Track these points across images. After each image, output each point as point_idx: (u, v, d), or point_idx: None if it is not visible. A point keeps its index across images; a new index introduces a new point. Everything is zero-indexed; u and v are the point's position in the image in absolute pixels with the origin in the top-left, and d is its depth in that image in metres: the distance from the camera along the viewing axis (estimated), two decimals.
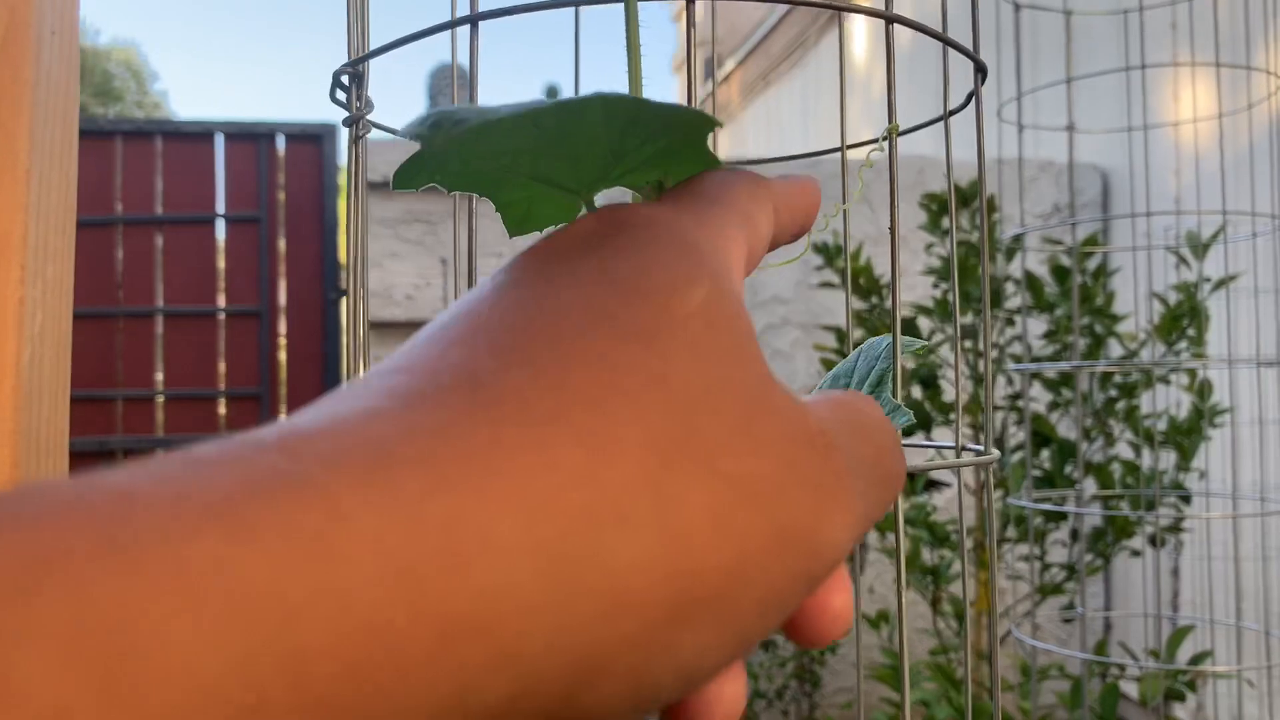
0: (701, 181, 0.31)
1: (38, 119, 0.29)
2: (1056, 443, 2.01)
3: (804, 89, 5.99)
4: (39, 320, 0.30)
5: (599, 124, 0.31)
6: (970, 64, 0.52)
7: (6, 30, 0.29)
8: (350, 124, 0.47)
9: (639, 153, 0.33)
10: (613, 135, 0.32)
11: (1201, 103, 1.92)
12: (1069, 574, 2.07)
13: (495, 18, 0.40)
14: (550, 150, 0.33)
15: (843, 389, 0.44)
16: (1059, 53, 1.58)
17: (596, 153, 0.33)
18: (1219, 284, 1.95)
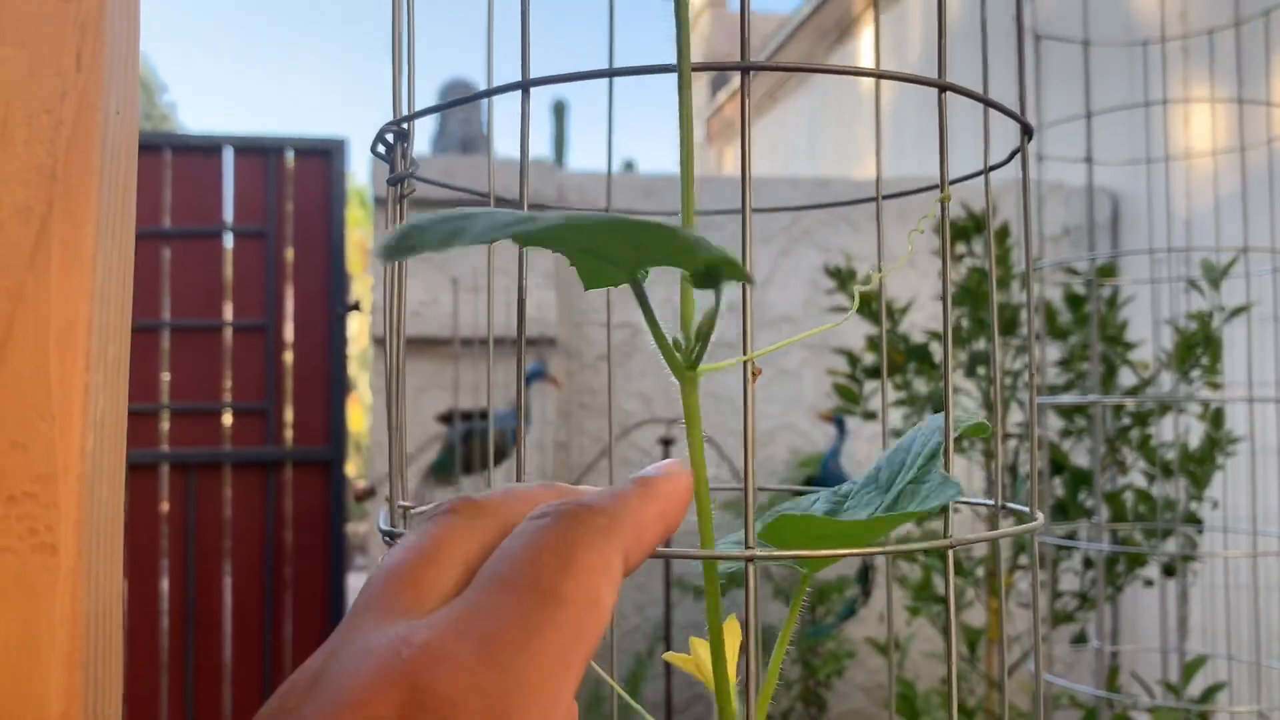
0: (532, 573, 0.29)
1: (104, 203, 0.29)
2: (1069, 471, 2.01)
3: (811, 107, 5.99)
4: (101, 404, 0.30)
5: (600, 234, 0.31)
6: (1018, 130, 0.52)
7: (77, 114, 0.28)
8: (395, 182, 0.47)
9: (658, 248, 0.33)
10: (624, 238, 0.32)
11: (1218, 135, 1.92)
12: (1081, 602, 2.06)
13: (545, 84, 0.40)
14: (588, 241, 0.33)
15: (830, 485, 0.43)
16: (1068, 81, 1.58)
17: (617, 247, 0.33)
18: (1235, 312, 1.95)
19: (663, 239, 0.32)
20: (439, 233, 0.29)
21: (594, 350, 3.56)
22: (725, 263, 0.33)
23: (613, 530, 0.31)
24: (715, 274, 0.35)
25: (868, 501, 0.42)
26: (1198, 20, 1.95)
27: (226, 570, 3.56)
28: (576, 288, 3.56)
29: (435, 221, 0.29)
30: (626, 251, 0.34)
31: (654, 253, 0.34)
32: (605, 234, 0.32)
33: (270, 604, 3.52)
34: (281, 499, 3.55)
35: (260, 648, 3.51)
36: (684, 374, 0.38)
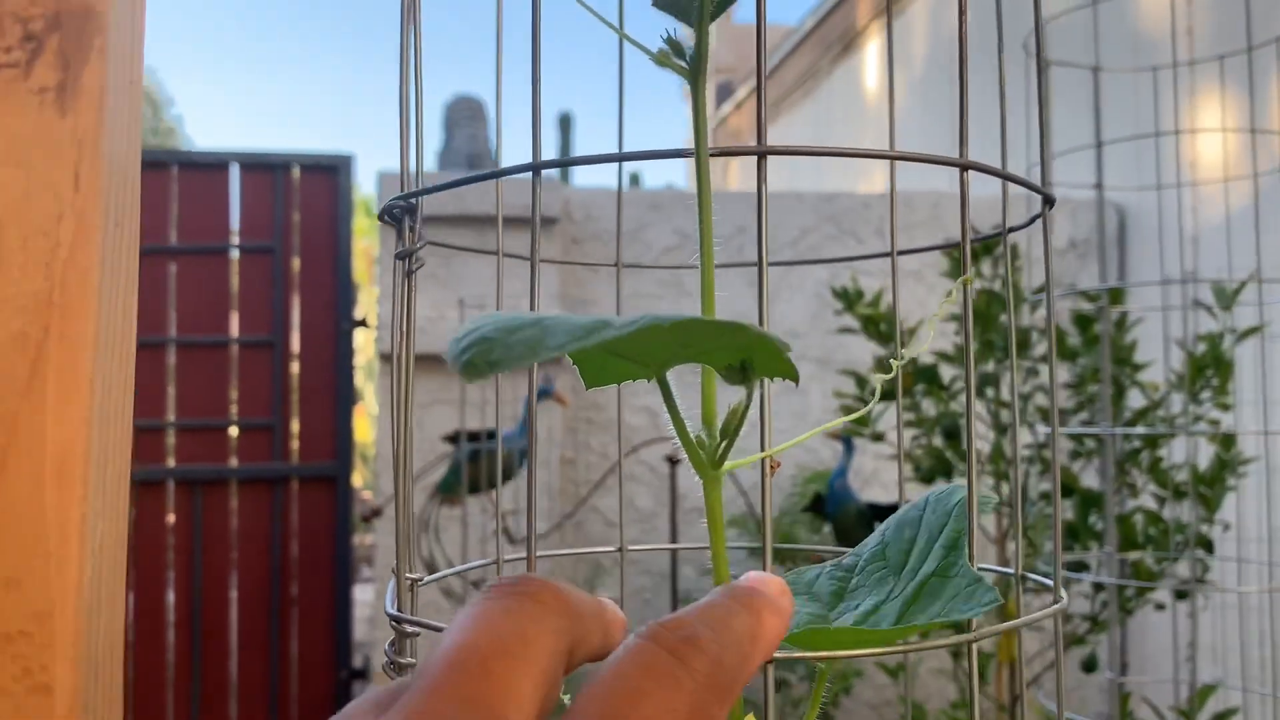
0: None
1: (103, 322, 0.28)
2: (1079, 494, 1.99)
3: (815, 118, 5.98)
4: (100, 531, 0.29)
5: (665, 335, 0.30)
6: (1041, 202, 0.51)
7: (75, 236, 0.27)
8: (403, 257, 0.46)
9: (705, 345, 0.32)
10: (679, 337, 0.31)
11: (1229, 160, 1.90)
12: (1091, 625, 2.04)
13: (557, 166, 0.39)
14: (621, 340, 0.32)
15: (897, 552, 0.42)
16: (1077, 103, 1.57)
17: (665, 345, 0.32)
18: (1245, 334, 1.93)
19: (725, 335, 0.30)
20: (520, 344, 0.27)
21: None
22: (780, 362, 0.32)
23: (730, 695, 0.29)
24: (748, 368, 0.34)
25: (878, 580, 0.41)
26: (1208, 46, 1.94)
27: (232, 585, 3.55)
28: (582, 306, 3.55)
29: (508, 331, 0.28)
30: (669, 352, 0.33)
31: (697, 350, 0.33)
32: (674, 335, 0.30)
33: (276, 619, 3.51)
34: (288, 514, 3.55)
35: (266, 663, 3.50)
36: (707, 473, 0.37)
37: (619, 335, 0.27)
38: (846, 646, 0.37)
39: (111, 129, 0.28)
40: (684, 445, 0.36)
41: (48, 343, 0.27)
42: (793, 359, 0.33)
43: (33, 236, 0.26)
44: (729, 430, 0.36)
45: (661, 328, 0.28)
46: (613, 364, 0.36)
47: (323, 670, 3.53)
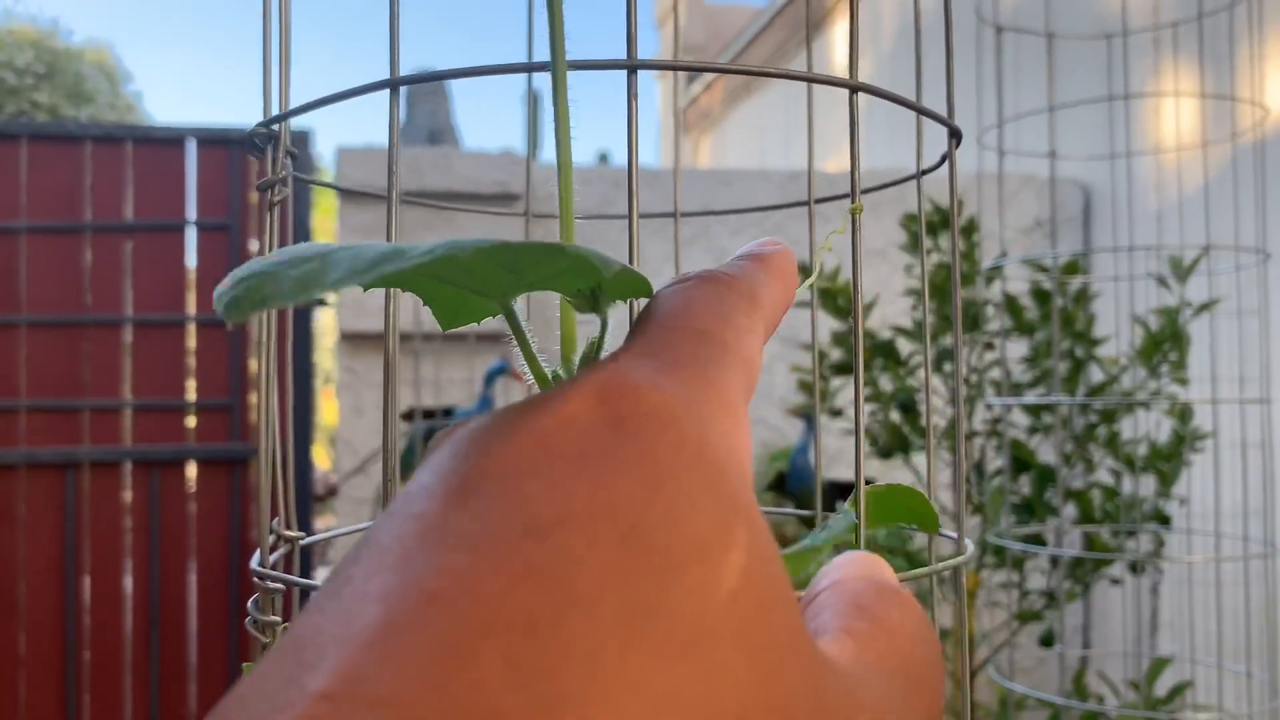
0: (691, 317, 0.27)
1: None
2: (1036, 469, 1.98)
3: (786, 97, 5.96)
4: None
5: (472, 262, 0.27)
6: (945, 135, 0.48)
7: None
8: (265, 189, 0.43)
9: (538, 270, 0.29)
10: (502, 263, 0.28)
11: (1185, 130, 1.89)
12: (1048, 601, 2.04)
13: (416, 83, 0.36)
14: (447, 269, 0.29)
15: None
16: (1039, 74, 1.55)
17: (492, 274, 0.29)
18: (1201, 309, 1.93)
19: (547, 259, 0.28)
20: (293, 279, 0.24)
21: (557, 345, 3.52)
22: (630, 278, 0.29)
23: (756, 303, 0.28)
24: (598, 295, 0.32)
25: None
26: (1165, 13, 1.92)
27: (191, 568, 3.50)
28: None
29: (286, 265, 0.25)
30: (502, 280, 0.30)
31: (533, 277, 0.30)
32: (484, 262, 0.28)
33: (236, 601, 3.47)
34: (247, 495, 3.50)
35: (226, 645, 3.46)
36: None
37: (403, 268, 0.24)
38: None
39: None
40: (538, 382, 0.34)
41: None
42: None
43: None
44: (586, 364, 0.33)
45: (462, 255, 0.25)
46: (464, 301, 0.33)
47: None
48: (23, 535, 3.36)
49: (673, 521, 0.18)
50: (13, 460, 3.32)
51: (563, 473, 0.19)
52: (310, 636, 0.17)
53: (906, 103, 0.41)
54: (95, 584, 3.42)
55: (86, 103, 10.99)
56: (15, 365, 3.38)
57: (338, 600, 0.17)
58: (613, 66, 0.35)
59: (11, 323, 3.36)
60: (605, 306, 0.31)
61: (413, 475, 0.22)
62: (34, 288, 3.39)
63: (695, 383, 0.23)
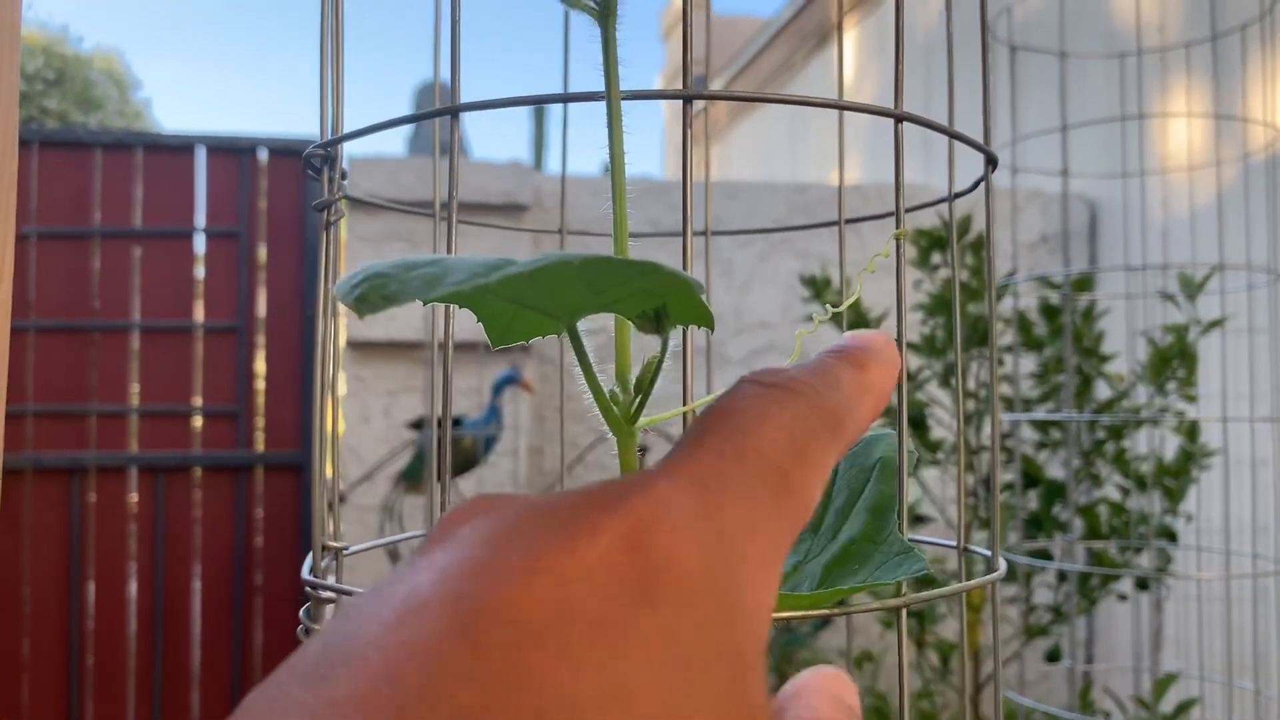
0: (761, 441, 0.24)
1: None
2: (1044, 484, 1.99)
3: (791, 111, 5.98)
4: None
5: (574, 274, 0.28)
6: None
7: None
8: (321, 208, 0.44)
9: (618, 290, 0.30)
10: (589, 278, 0.29)
11: (1196, 149, 1.90)
12: (1055, 615, 2.04)
13: (474, 110, 0.37)
14: (525, 286, 0.30)
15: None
16: (1048, 90, 1.56)
17: (574, 289, 0.30)
18: (1210, 326, 1.94)
19: (638, 277, 0.29)
20: (417, 279, 0.26)
21: (570, 356, 3.52)
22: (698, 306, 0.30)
23: (841, 430, 0.26)
24: (661, 318, 0.33)
25: (806, 546, 0.39)
26: (1177, 34, 1.94)
27: (196, 574, 3.51)
28: None
29: (405, 268, 0.27)
30: (581, 297, 0.31)
31: (612, 296, 0.31)
32: (579, 276, 0.29)
33: (240, 609, 3.47)
34: (252, 503, 3.51)
35: (229, 653, 3.47)
36: (621, 429, 0.35)
37: (522, 272, 0.26)
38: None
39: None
40: (597, 401, 0.35)
41: None
42: (764, 349, 0.32)
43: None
44: (643, 385, 0.34)
45: (570, 266, 0.26)
46: (521, 317, 0.34)
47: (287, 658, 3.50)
48: (28, 539, 3.37)
49: (690, 708, 0.18)
50: (19, 465, 3.33)
51: (578, 640, 0.18)
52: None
53: (946, 130, 0.42)
54: (100, 589, 3.42)
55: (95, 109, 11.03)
56: (23, 370, 3.38)
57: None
58: (671, 96, 0.36)
59: (20, 328, 3.37)
60: (667, 329, 0.32)
61: (423, 553, 0.21)
62: (43, 293, 3.40)
63: (741, 536, 0.22)
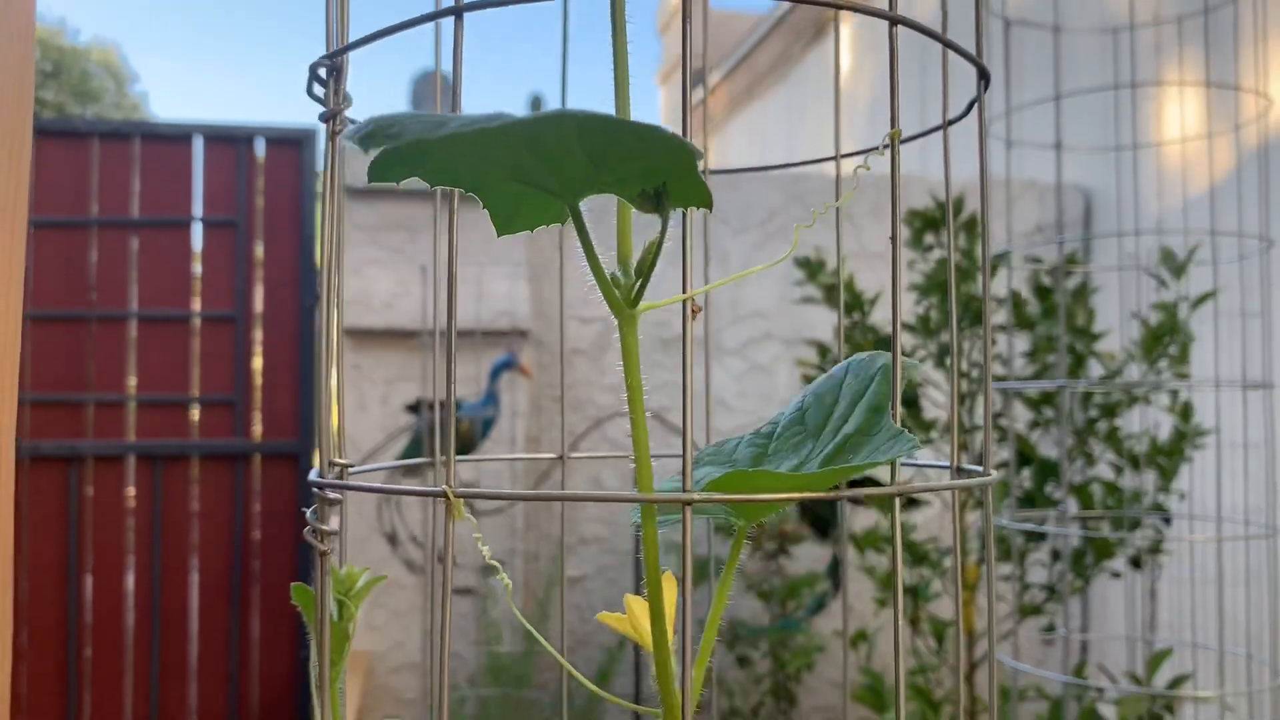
0: None
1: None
2: (1037, 462, 2.00)
3: (789, 103, 5.99)
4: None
5: (574, 138, 0.29)
6: (969, 72, 0.50)
7: None
8: (327, 119, 0.45)
9: (621, 167, 0.31)
10: (590, 148, 0.30)
11: (1188, 123, 1.92)
12: (1049, 594, 2.05)
13: (480, 9, 0.38)
14: (529, 158, 0.31)
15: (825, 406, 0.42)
16: (1043, 70, 1.57)
17: (576, 162, 0.31)
18: (1199, 301, 1.95)
19: (639, 148, 0.30)
20: (422, 123, 0.27)
21: (568, 344, 3.54)
22: (698, 185, 0.31)
23: None
24: (661, 197, 0.34)
25: (795, 446, 0.40)
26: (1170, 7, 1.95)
27: (193, 564, 3.51)
28: (550, 280, 3.54)
29: (408, 117, 0.28)
30: (581, 173, 0.32)
31: (612, 175, 0.32)
32: (576, 143, 0.30)
33: (237, 598, 3.48)
34: (249, 492, 3.51)
35: (227, 643, 3.47)
36: (623, 312, 0.36)
37: (523, 120, 0.27)
38: (766, 490, 0.36)
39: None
40: (599, 283, 0.35)
41: None
42: (761, 338, 0.33)
43: None
44: (644, 268, 0.35)
45: (569, 121, 0.27)
46: (526, 200, 0.35)
47: (284, 649, 3.50)
48: (25, 528, 3.37)
49: None
50: (16, 453, 3.33)
51: None
52: None
53: (939, 38, 0.43)
54: (97, 579, 3.42)
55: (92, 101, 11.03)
56: (20, 358, 3.39)
57: None
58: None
59: None
60: (667, 209, 0.33)
61: None
62: (40, 282, 3.40)
63: None
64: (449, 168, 0.32)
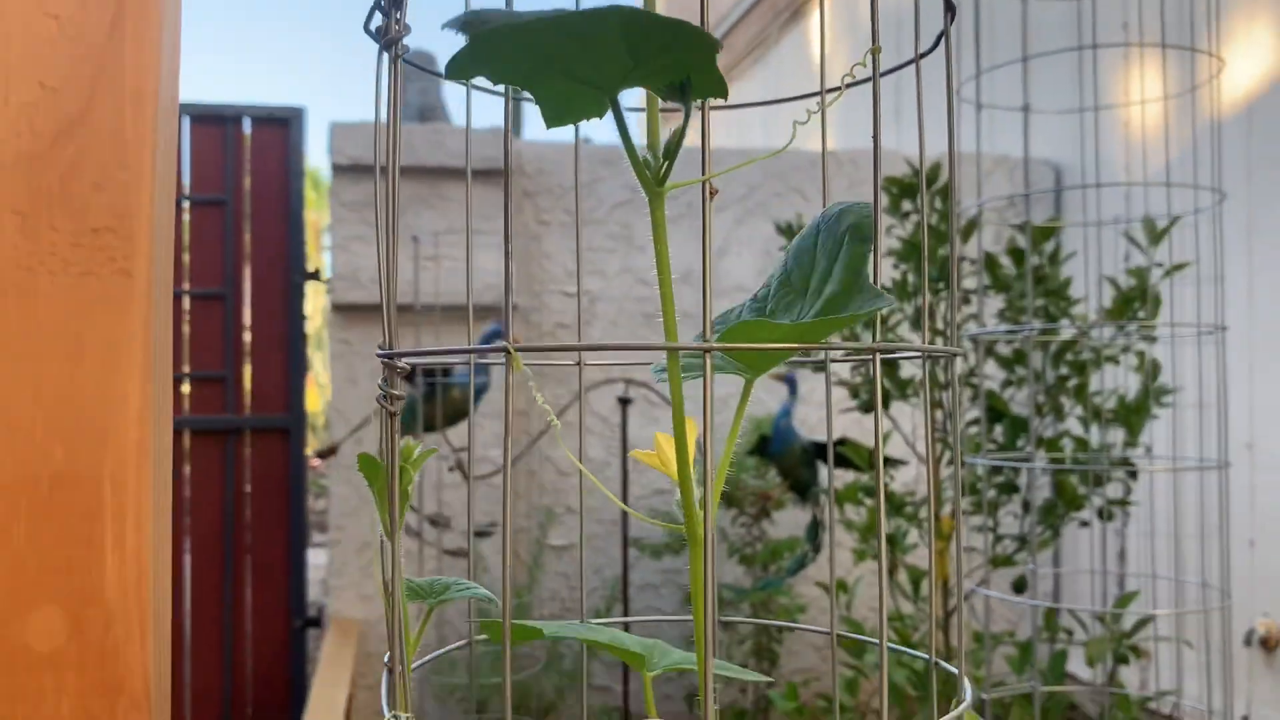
0: None
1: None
2: (1009, 418, 2.10)
3: (765, 84, 6.07)
4: (160, 161, 0.35)
5: (617, 31, 0.37)
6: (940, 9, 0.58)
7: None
8: (389, 45, 0.52)
9: (653, 61, 0.39)
10: (632, 43, 0.38)
11: (1150, 86, 2.01)
12: (1020, 545, 2.15)
13: None
14: (578, 53, 0.39)
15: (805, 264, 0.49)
16: (1013, 41, 1.66)
17: (617, 56, 0.39)
18: (1171, 270, 2.05)
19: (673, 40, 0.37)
20: (504, 17, 0.35)
21: (553, 318, 3.61)
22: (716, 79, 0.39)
23: None
24: (685, 89, 0.41)
25: (789, 305, 0.48)
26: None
27: (185, 546, 3.57)
28: (537, 257, 3.61)
29: (495, 11, 0.36)
30: (622, 66, 0.39)
31: (648, 68, 0.40)
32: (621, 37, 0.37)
33: (230, 573, 3.54)
34: (240, 467, 3.57)
35: (219, 612, 3.53)
36: (653, 190, 0.44)
37: (579, 13, 0.34)
38: (767, 336, 0.44)
39: None
40: (633, 165, 0.43)
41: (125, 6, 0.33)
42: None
43: None
44: (670, 151, 0.43)
45: (613, 15, 0.35)
46: (572, 95, 0.42)
47: (276, 619, 3.57)
48: None
49: None
50: None
51: None
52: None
53: None
54: None
55: None
56: None
57: None
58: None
59: None
60: (690, 100, 0.41)
61: None
62: None
63: None
64: (512, 66, 0.40)
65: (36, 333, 0.31)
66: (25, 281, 0.31)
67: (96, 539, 0.33)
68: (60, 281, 0.32)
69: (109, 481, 0.33)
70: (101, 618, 0.33)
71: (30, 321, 0.31)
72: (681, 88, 0.41)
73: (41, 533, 0.32)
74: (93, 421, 0.33)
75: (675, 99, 0.41)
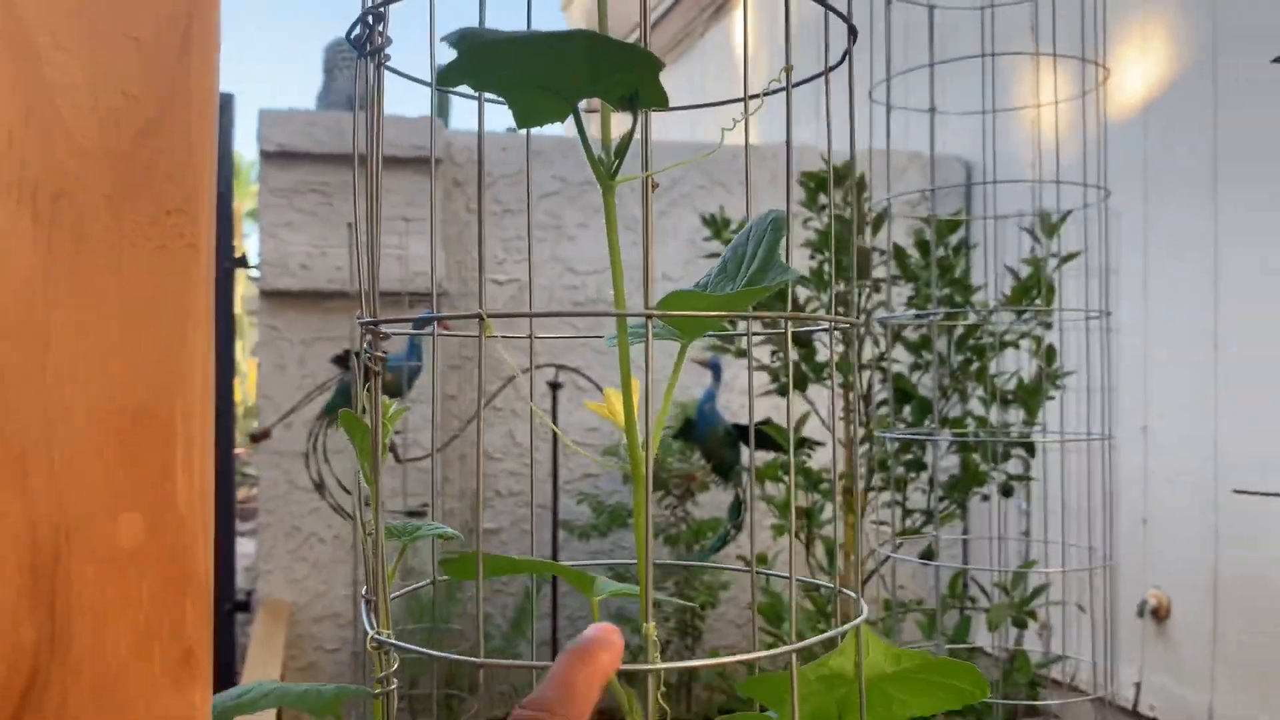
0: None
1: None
2: (916, 399, 2.23)
3: (690, 79, 6.18)
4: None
5: (583, 51, 0.46)
6: (845, 32, 0.68)
7: None
8: (373, 54, 0.60)
9: (610, 76, 0.48)
10: (594, 61, 0.47)
11: (1050, 91, 2.17)
12: (927, 519, 2.29)
13: None
14: (548, 67, 0.48)
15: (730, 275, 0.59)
16: (923, 43, 1.78)
17: (581, 71, 0.48)
18: (1065, 259, 2.20)
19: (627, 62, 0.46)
20: (494, 34, 0.43)
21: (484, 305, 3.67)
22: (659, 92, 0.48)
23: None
24: (634, 100, 0.50)
25: (720, 286, 0.58)
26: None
27: None
28: (467, 246, 3.67)
29: (487, 29, 0.44)
30: (583, 79, 0.48)
31: (605, 83, 0.49)
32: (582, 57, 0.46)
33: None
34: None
35: None
36: (606, 182, 0.53)
37: (551, 35, 0.43)
38: (699, 304, 0.53)
39: None
40: (589, 159, 0.52)
41: (192, 24, 0.41)
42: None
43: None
44: (620, 150, 0.52)
45: (580, 38, 0.44)
46: (540, 102, 0.51)
47: None
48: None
49: None
50: None
51: None
52: None
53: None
54: None
55: None
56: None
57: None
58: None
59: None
60: (637, 108, 0.50)
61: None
62: None
63: None
64: (494, 76, 0.49)
65: (123, 294, 0.39)
66: (115, 253, 0.39)
67: (170, 461, 0.41)
68: (141, 253, 0.40)
69: (180, 415, 0.41)
70: (175, 523, 0.41)
71: (119, 285, 0.39)
72: (631, 99, 0.50)
73: (127, 455, 0.40)
74: (167, 367, 0.41)
75: (625, 108, 0.50)
